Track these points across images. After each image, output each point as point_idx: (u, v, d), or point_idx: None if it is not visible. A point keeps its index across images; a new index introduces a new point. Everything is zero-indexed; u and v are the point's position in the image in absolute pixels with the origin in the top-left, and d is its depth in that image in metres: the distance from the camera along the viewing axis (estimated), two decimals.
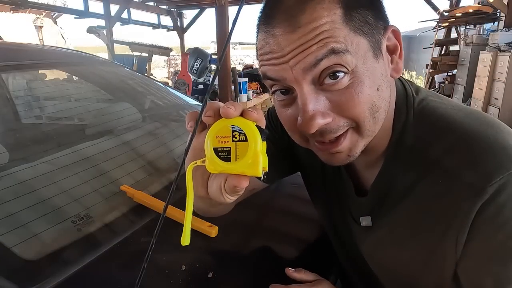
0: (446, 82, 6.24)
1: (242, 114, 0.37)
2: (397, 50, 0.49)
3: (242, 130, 0.36)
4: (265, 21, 0.46)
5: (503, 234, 0.44)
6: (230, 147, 0.36)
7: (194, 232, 0.80)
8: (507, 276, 0.46)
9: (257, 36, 0.49)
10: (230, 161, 0.36)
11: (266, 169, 0.37)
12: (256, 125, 0.37)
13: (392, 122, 0.53)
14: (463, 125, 0.49)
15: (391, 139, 0.53)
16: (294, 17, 0.42)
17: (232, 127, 0.36)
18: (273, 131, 0.73)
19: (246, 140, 0.36)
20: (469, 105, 5.12)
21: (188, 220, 0.42)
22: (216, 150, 0.37)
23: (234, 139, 0.36)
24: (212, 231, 0.78)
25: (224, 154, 0.37)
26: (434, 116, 0.51)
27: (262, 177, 0.37)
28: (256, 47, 0.50)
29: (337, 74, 0.43)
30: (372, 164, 0.56)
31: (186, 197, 0.41)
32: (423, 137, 0.51)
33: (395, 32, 0.49)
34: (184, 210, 0.41)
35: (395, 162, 0.53)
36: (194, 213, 0.82)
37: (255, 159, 0.36)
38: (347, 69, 0.43)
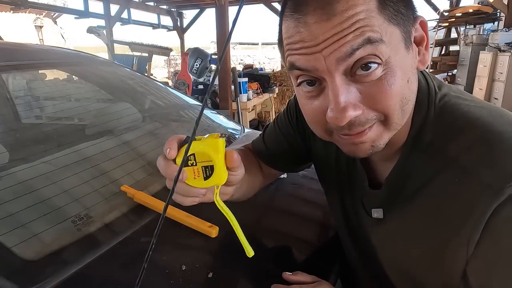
0: (446, 82, 6.24)
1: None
2: (423, 41, 0.49)
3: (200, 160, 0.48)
4: (295, 8, 0.44)
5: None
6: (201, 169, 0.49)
7: (194, 232, 0.80)
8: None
9: (281, 24, 0.48)
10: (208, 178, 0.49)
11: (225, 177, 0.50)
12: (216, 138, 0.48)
13: (412, 116, 0.52)
14: (485, 123, 0.47)
15: (409, 134, 0.52)
16: (329, 5, 0.41)
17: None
18: (290, 123, 0.74)
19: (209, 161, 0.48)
20: None
21: (240, 235, 0.56)
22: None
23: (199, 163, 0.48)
24: (213, 231, 0.78)
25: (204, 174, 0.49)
26: (455, 113, 0.50)
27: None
28: (280, 36, 0.49)
29: (370, 65, 0.42)
30: (388, 158, 0.56)
31: (228, 218, 0.54)
32: (443, 134, 0.50)
33: (423, 23, 0.48)
34: (183, 210, 0.43)
35: (412, 157, 0.52)
36: (195, 213, 0.82)
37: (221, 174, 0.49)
38: (381, 60, 0.42)
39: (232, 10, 4.35)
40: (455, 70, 6.09)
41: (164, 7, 8.12)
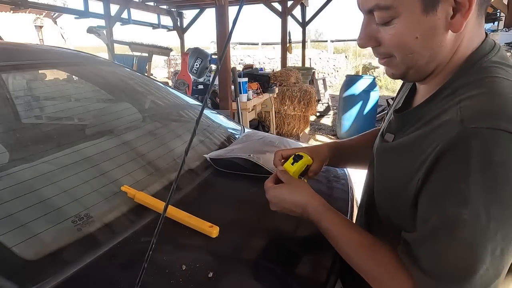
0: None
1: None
2: (463, 9, 0.53)
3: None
4: None
5: (460, 175, 0.48)
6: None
7: (194, 232, 0.80)
8: (453, 217, 0.48)
9: None
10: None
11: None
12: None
13: (456, 71, 0.58)
14: (501, 88, 0.52)
15: (447, 81, 0.58)
16: None
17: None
18: None
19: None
20: None
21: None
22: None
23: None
24: (213, 231, 0.78)
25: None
26: (487, 76, 0.55)
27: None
28: None
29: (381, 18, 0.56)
30: (426, 96, 0.63)
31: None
32: (466, 86, 0.55)
33: None
34: (184, 210, 0.42)
35: (436, 99, 0.59)
36: (195, 213, 0.82)
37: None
38: (390, 20, 0.55)
39: (232, 10, 4.35)
40: None
41: (164, 7, 8.11)
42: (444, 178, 0.50)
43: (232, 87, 3.48)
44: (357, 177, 1.16)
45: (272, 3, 7.38)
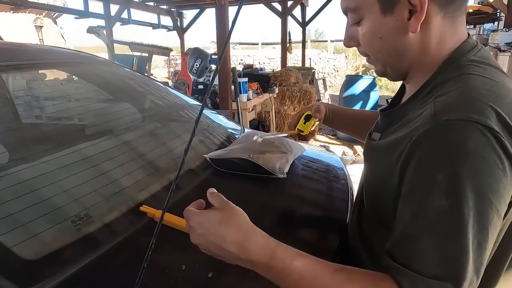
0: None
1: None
2: (417, 12, 0.56)
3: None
4: None
5: (436, 167, 0.48)
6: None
7: None
8: (434, 210, 0.47)
9: None
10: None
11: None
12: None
13: (436, 70, 0.59)
14: (475, 86, 0.53)
15: (427, 81, 0.60)
16: None
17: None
18: None
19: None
20: None
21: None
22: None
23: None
24: None
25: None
26: (464, 74, 0.56)
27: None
28: None
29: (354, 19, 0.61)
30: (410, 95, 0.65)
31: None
32: (445, 85, 0.56)
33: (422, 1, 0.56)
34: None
35: (417, 98, 0.61)
36: None
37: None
38: (358, 20, 0.61)
39: (232, 10, 4.35)
40: None
41: (164, 7, 8.11)
42: (420, 172, 0.50)
43: (232, 87, 3.48)
44: (358, 178, 1.16)
45: (272, 3, 7.38)
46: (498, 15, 5.55)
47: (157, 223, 0.48)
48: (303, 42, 8.46)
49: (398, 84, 0.73)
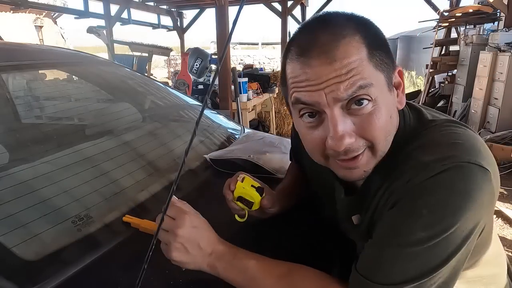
0: (446, 82, 6.22)
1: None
2: (400, 86, 0.58)
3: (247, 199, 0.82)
4: (301, 53, 0.52)
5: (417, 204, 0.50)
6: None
7: None
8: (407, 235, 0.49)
9: (285, 67, 0.57)
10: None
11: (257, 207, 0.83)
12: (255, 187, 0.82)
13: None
14: (445, 140, 0.54)
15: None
16: (331, 52, 0.50)
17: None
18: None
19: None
20: (469, 105, 5.11)
21: None
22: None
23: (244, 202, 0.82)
24: None
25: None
26: (422, 135, 0.58)
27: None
28: (285, 76, 0.57)
29: (362, 101, 0.51)
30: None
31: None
32: (408, 141, 0.57)
33: (400, 72, 0.58)
34: None
35: (379, 169, 0.58)
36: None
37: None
38: (371, 98, 0.52)
39: (232, 10, 4.35)
40: (455, 70, 6.07)
41: (164, 7, 8.11)
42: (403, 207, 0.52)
43: (232, 87, 3.49)
44: None
45: (272, 3, 7.38)
46: (498, 15, 5.54)
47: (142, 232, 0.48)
48: None
49: None
